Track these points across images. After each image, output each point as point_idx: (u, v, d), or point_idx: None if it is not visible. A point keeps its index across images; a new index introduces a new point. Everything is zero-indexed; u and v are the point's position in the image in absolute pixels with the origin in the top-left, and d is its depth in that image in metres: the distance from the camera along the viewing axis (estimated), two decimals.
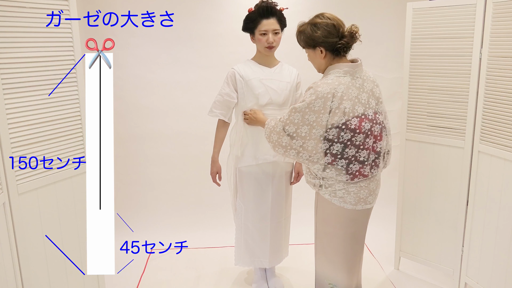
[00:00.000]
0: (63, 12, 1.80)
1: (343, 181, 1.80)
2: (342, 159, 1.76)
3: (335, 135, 1.74)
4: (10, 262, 1.66)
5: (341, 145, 1.74)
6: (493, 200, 2.16)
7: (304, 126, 1.76)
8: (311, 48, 1.85)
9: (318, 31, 1.79)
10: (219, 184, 2.37)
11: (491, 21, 2.10)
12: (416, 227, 2.60)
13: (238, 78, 2.22)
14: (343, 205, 1.83)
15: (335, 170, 1.78)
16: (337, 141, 1.74)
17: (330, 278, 1.95)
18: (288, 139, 1.81)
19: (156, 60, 3.23)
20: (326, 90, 1.72)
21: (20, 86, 1.67)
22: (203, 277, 2.69)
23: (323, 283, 1.99)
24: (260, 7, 2.14)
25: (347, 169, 1.77)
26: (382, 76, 3.45)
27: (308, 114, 1.75)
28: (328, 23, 1.78)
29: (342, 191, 1.82)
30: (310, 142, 1.77)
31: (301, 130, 1.77)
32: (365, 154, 1.78)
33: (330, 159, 1.76)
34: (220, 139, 2.32)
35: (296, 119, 1.78)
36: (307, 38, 1.83)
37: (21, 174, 1.70)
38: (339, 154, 1.75)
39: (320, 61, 1.86)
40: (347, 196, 1.82)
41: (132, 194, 3.38)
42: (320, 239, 1.97)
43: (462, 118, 2.31)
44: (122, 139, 3.29)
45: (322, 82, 1.77)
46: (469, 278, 2.37)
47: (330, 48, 1.81)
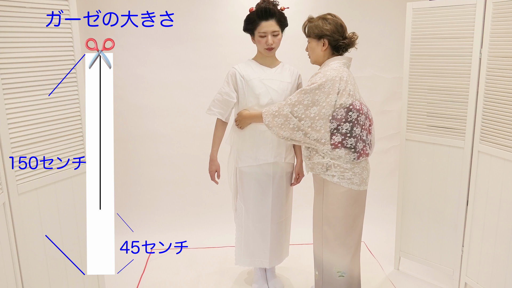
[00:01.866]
0: (63, 12, 1.80)
1: (351, 160, 1.94)
2: (351, 137, 1.91)
3: (343, 115, 1.90)
4: (10, 262, 1.66)
5: (350, 124, 1.91)
6: (493, 200, 2.16)
7: (314, 106, 1.91)
8: (315, 38, 2.02)
9: (328, 25, 1.98)
10: (217, 182, 2.37)
11: (491, 21, 2.10)
12: (416, 227, 2.60)
13: (238, 78, 2.22)
14: (350, 187, 1.97)
15: (344, 149, 1.92)
16: (345, 121, 1.90)
17: (338, 266, 2.03)
18: (296, 120, 1.94)
19: (156, 60, 3.23)
20: (334, 74, 1.92)
21: (20, 86, 1.67)
22: (203, 277, 2.69)
23: (331, 272, 2.04)
24: (259, 9, 2.13)
25: (355, 147, 1.93)
26: (382, 76, 3.45)
27: (318, 95, 1.90)
28: (337, 22, 2.00)
29: (349, 173, 1.95)
30: (319, 122, 1.91)
31: (310, 111, 1.92)
32: (365, 133, 1.97)
33: (340, 138, 1.91)
34: (219, 138, 2.32)
35: (306, 100, 1.92)
36: (315, 28, 2.01)
37: (21, 174, 1.70)
38: (348, 133, 1.91)
39: (319, 52, 2.03)
40: (354, 177, 1.97)
41: (132, 194, 3.38)
42: (327, 227, 2.02)
43: (462, 118, 2.31)
44: (122, 139, 3.29)
45: (328, 68, 1.96)
46: (469, 278, 2.37)
47: (332, 43, 1.99)
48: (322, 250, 2.06)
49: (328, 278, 2.05)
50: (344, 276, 2.03)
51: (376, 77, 3.44)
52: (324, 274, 2.07)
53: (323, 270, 2.07)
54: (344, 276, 2.03)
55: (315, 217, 2.10)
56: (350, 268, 2.04)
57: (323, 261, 2.06)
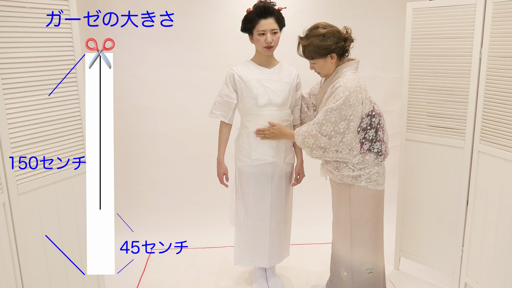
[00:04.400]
0: (63, 12, 1.80)
1: (378, 163, 1.99)
2: (377, 142, 1.97)
3: (368, 123, 1.93)
4: (10, 262, 1.66)
5: (374, 130, 1.95)
6: (493, 200, 2.16)
7: (342, 122, 1.90)
8: (322, 57, 1.96)
9: (328, 40, 1.92)
10: (226, 185, 2.36)
11: (491, 21, 2.10)
12: (416, 227, 2.60)
13: (237, 79, 2.22)
14: (376, 188, 2.02)
15: (372, 154, 1.97)
16: (370, 128, 1.94)
17: (368, 263, 2.07)
18: (326, 139, 1.93)
19: (156, 60, 3.23)
20: (354, 84, 1.89)
21: (20, 86, 1.67)
22: (203, 277, 2.69)
23: (361, 271, 2.08)
24: (258, 7, 2.14)
25: (381, 150, 1.98)
26: (382, 76, 3.45)
27: (345, 110, 1.89)
28: (333, 30, 1.94)
29: (375, 175, 2.00)
30: (349, 136, 1.92)
31: (339, 127, 1.91)
32: (384, 133, 2.00)
33: (368, 145, 1.95)
34: (224, 140, 2.32)
35: (333, 117, 1.90)
36: (318, 49, 1.94)
37: (21, 174, 1.70)
38: (374, 138, 1.95)
39: (330, 66, 2.00)
40: (379, 178, 2.02)
41: (132, 194, 3.38)
42: (355, 229, 2.05)
43: (462, 118, 2.31)
44: (122, 139, 3.28)
45: (345, 79, 1.92)
46: (469, 278, 2.37)
47: (340, 52, 1.97)
48: (351, 252, 2.08)
49: (358, 277, 2.09)
50: (373, 272, 2.08)
51: (376, 77, 3.44)
52: (353, 273, 2.09)
53: (352, 270, 2.09)
54: (373, 272, 2.08)
55: (340, 221, 2.10)
56: (378, 263, 2.10)
57: (353, 262, 2.08)
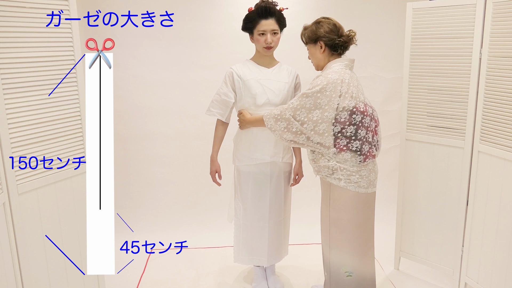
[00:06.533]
0: (63, 12, 1.80)
1: (357, 163, 1.93)
2: (356, 140, 1.90)
3: (347, 118, 1.88)
4: (10, 262, 1.66)
5: (354, 127, 1.89)
6: (493, 200, 2.16)
7: (316, 110, 1.90)
8: (312, 43, 2.03)
9: (321, 27, 1.99)
10: (219, 183, 2.37)
11: (491, 21, 2.10)
12: (416, 227, 2.60)
13: (236, 78, 2.22)
14: (357, 190, 1.96)
15: (349, 152, 1.91)
16: (349, 124, 1.89)
17: (346, 266, 2.04)
18: (298, 124, 1.93)
19: (156, 60, 3.23)
20: (335, 76, 1.91)
21: (20, 86, 1.67)
22: (203, 277, 2.69)
23: (339, 272, 2.06)
24: (259, 7, 2.14)
25: (361, 150, 1.92)
26: (382, 76, 3.45)
27: (320, 98, 1.89)
28: (330, 22, 2.00)
29: (356, 176, 1.94)
30: (322, 125, 1.90)
31: (313, 115, 1.90)
32: (370, 135, 1.95)
33: (345, 141, 1.90)
34: (219, 138, 2.33)
35: (308, 103, 1.91)
36: (310, 33, 2.03)
37: (21, 174, 1.70)
38: (353, 136, 1.90)
39: (319, 56, 2.03)
40: (361, 181, 1.96)
41: (132, 194, 3.38)
42: (334, 229, 2.03)
43: (462, 118, 2.31)
44: (122, 139, 3.29)
45: (329, 71, 1.95)
46: (469, 278, 2.37)
47: (329, 44, 1.99)
48: (329, 252, 2.07)
49: (335, 278, 2.07)
50: (352, 275, 2.04)
51: (376, 77, 3.44)
52: (331, 274, 2.08)
53: (330, 270, 2.08)
54: (352, 275, 2.04)
55: (323, 220, 2.10)
56: (360, 268, 2.04)
57: (331, 262, 2.07)
